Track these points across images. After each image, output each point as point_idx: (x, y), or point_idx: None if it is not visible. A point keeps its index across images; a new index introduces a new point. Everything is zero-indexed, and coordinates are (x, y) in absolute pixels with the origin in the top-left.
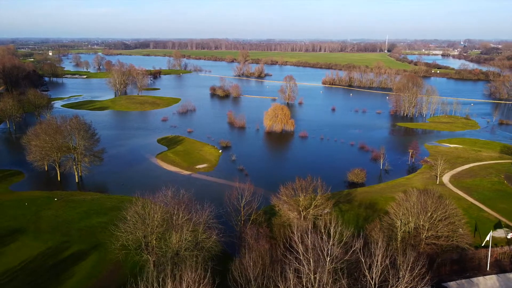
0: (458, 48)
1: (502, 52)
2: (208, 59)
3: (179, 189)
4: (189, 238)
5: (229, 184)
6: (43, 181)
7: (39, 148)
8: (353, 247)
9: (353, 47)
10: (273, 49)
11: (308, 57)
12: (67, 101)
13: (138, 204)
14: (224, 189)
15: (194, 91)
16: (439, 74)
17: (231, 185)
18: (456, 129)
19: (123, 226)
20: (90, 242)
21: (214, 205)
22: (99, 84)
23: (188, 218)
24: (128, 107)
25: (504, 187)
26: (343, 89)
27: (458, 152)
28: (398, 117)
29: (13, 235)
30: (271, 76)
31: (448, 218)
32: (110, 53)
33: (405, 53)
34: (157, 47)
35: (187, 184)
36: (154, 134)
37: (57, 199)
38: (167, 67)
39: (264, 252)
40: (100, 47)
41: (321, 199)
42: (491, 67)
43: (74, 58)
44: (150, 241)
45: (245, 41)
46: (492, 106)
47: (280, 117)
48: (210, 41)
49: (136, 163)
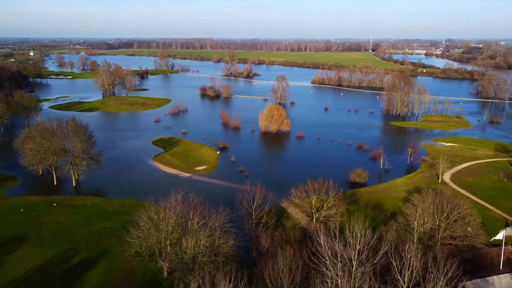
0: (440, 47)
1: (484, 52)
2: (194, 59)
3: (188, 192)
4: (206, 244)
5: (232, 186)
6: (38, 185)
7: (35, 152)
8: (381, 249)
9: (338, 47)
10: (258, 49)
11: (295, 56)
12: (54, 103)
13: (151, 209)
14: (228, 191)
15: (183, 92)
16: (425, 73)
17: (234, 187)
18: (449, 128)
19: (136, 232)
20: (97, 249)
21: (228, 208)
22: (85, 84)
23: (204, 223)
24: (118, 108)
25: (505, 185)
26: (333, 89)
27: (454, 151)
28: (390, 116)
29: (15, 243)
30: (260, 76)
31: (463, 218)
32: (93, 53)
33: (390, 52)
34: (141, 47)
35: (188, 186)
36: (149, 136)
37: (56, 204)
38: (154, 67)
39: (291, 257)
40: (82, 47)
41: (333, 200)
42: (475, 67)
43: (58, 58)
44: (164, 247)
45: (230, 41)
46: (479, 104)
47: (276, 117)
48: (195, 41)
49: (134, 165)
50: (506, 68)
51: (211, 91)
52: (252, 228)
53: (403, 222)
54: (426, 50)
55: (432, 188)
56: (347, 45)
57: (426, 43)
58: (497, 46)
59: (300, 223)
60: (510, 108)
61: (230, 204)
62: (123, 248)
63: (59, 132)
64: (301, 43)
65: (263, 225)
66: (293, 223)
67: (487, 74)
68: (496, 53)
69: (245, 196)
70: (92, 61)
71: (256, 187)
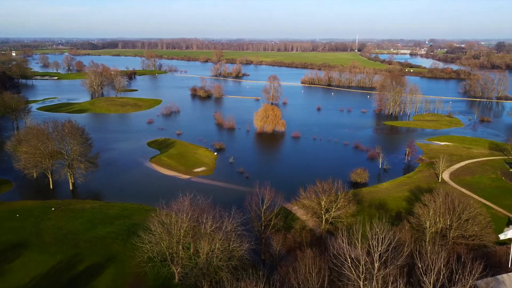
0: (424, 47)
1: (467, 52)
2: (181, 59)
3: (196, 195)
4: (221, 248)
5: (233, 188)
6: (34, 190)
7: (31, 155)
8: (404, 251)
9: (324, 47)
10: (245, 49)
11: (282, 56)
12: (42, 104)
13: (162, 214)
14: (230, 193)
15: (173, 92)
16: (412, 73)
17: (235, 188)
18: (441, 127)
19: (147, 237)
20: (103, 254)
21: (241, 211)
22: (71, 85)
23: (217, 227)
24: (108, 109)
25: (503, 183)
26: (323, 89)
27: (450, 150)
28: (382, 115)
29: (16, 249)
30: (249, 76)
31: (474, 217)
32: (78, 53)
33: (376, 52)
34: (126, 47)
35: (189, 188)
36: (143, 137)
37: (55, 209)
38: (141, 68)
39: (312, 259)
40: (65, 47)
41: (343, 201)
42: (461, 66)
43: (41, 59)
44: (176, 252)
45: (216, 41)
46: (467, 103)
47: (271, 117)
48: (180, 41)
49: (130, 168)
50: (490, 67)
51: (202, 91)
52: (262, 230)
53: (415, 222)
54: (410, 50)
55: (443, 189)
56: (333, 45)
57: (410, 43)
58: (479, 46)
59: (309, 225)
60: (497, 107)
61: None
62: (134, 253)
63: (55, 135)
64: (288, 43)
65: (272, 227)
66: (302, 225)
67: (473, 74)
68: (479, 53)
69: (254, 199)
70: (77, 61)
71: (264, 189)
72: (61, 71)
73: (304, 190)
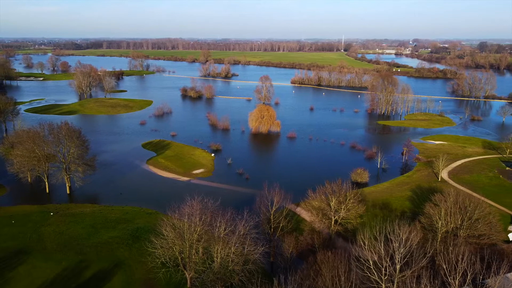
0: (409, 47)
1: (451, 52)
2: (167, 59)
3: (204, 198)
4: (237, 252)
5: (235, 189)
6: (29, 194)
7: (26, 159)
8: (428, 252)
9: (311, 47)
10: (231, 49)
11: (269, 56)
12: (29, 106)
13: (174, 217)
14: (233, 195)
15: (163, 93)
16: (400, 72)
17: (237, 190)
18: (434, 126)
19: (159, 242)
20: (109, 260)
21: (254, 214)
22: (58, 86)
23: (231, 230)
24: (99, 110)
25: (502, 181)
26: (313, 89)
27: (445, 149)
28: (375, 115)
29: (18, 256)
30: (238, 76)
31: (485, 217)
32: (62, 53)
33: (362, 52)
34: (111, 47)
35: (189, 191)
36: (137, 139)
37: (53, 213)
38: (128, 68)
39: (335, 262)
40: (48, 47)
41: (352, 202)
42: (448, 66)
43: (25, 59)
44: (189, 257)
45: (201, 41)
46: (455, 103)
47: (266, 118)
48: (166, 41)
49: (128, 170)
50: (474, 67)
51: (192, 92)
52: (271, 232)
53: (427, 222)
54: (396, 50)
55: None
56: (320, 45)
57: (395, 43)
58: (463, 46)
59: (316, 226)
60: (485, 106)
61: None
62: (145, 258)
63: (52, 137)
64: (274, 43)
65: (281, 229)
66: (311, 227)
67: (459, 73)
68: (464, 53)
69: (263, 200)
70: (62, 61)
71: (273, 190)
72: (46, 71)
73: (313, 191)
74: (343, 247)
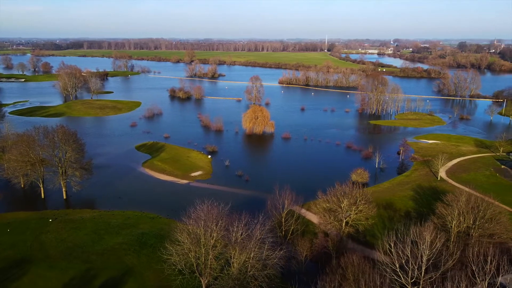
0: (391, 47)
1: (432, 51)
2: (151, 59)
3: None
4: (256, 256)
5: (236, 191)
6: (24, 200)
7: (21, 163)
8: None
9: (295, 47)
10: (215, 49)
11: (254, 56)
12: (13, 108)
13: (190, 223)
14: (235, 198)
15: (150, 94)
16: (385, 72)
17: (238, 192)
18: (425, 125)
19: (174, 249)
20: (118, 268)
21: (265, 217)
22: (40, 88)
23: (248, 235)
24: (87, 112)
25: (499, 179)
26: (301, 89)
27: (439, 148)
28: (366, 115)
29: (20, 266)
30: (225, 76)
31: (496, 216)
32: (41, 54)
33: (345, 52)
34: (92, 47)
35: (189, 193)
36: (129, 141)
37: (52, 220)
38: (112, 69)
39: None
40: (26, 47)
41: (364, 204)
42: (432, 66)
43: (4, 60)
44: (205, 263)
45: (183, 41)
46: (441, 102)
47: (260, 118)
48: (148, 41)
49: (124, 173)
50: (456, 66)
51: (181, 92)
52: (283, 235)
53: (439, 222)
54: (378, 50)
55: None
56: (303, 45)
57: (376, 43)
58: (443, 46)
59: (330, 228)
60: (470, 105)
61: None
62: (162, 265)
63: (47, 141)
64: (258, 43)
65: (292, 232)
66: (321, 229)
67: (443, 73)
68: (445, 53)
69: (274, 203)
70: (44, 62)
71: (284, 193)
72: (27, 72)
73: (323, 192)
74: (358, 249)
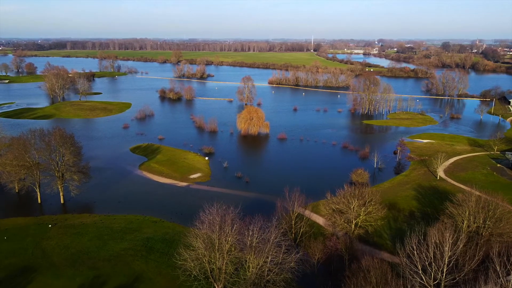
0: (376, 47)
1: (417, 51)
2: (137, 60)
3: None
4: (273, 260)
5: (237, 194)
6: (18, 205)
7: (17, 168)
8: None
9: (281, 47)
10: (201, 49)
11: (241, 57)
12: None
13: (204, 228)
14: (237, 200)
15: (140, 95)
16: (372, 72)
17: (239, 194)
18: (418, 124)
19: (188, 254)
20: (127, 274)
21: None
22: (25, 89)
23: (263, 238)
24: (77, 114)
25: (497, 178)
26: (291, 89)
27: (435, 147)
28: (358, 115)
29: (24, 274)
30: (213, 77)
31: (506, 215)
32: (24, 54)
33: (332, 52)
34: (75, 47)
35: (190, 196)
36: (123, 143)
37: (51, 225)
38: (98, 69)
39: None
40: (7, 47)
41: (374, 205)
42: (417, 65)
43: None
44: (219, 267)
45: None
46: (430, 101)
47: (255, 119)
48: (133, 41)
49: (121, 176)
50: (441, 66)
51: (171, 93)
52: (292, 238)
53: (450, 222)
54: (363, 50)
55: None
56: (290, 45)
57: (361, 43)
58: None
59: (339, 230)
60: (458, 104)
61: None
62: (173, 271)
63: (44, 144)
64: (244, 43)
65: (302, 234)
66: (330, 230)
67: (429, 73)
68: (430, 53)
69: (284, 206)
70: (28, 63)
71: (294, 195)
72: (10, 73)
73: (332, 193)
74: (366, 250)
